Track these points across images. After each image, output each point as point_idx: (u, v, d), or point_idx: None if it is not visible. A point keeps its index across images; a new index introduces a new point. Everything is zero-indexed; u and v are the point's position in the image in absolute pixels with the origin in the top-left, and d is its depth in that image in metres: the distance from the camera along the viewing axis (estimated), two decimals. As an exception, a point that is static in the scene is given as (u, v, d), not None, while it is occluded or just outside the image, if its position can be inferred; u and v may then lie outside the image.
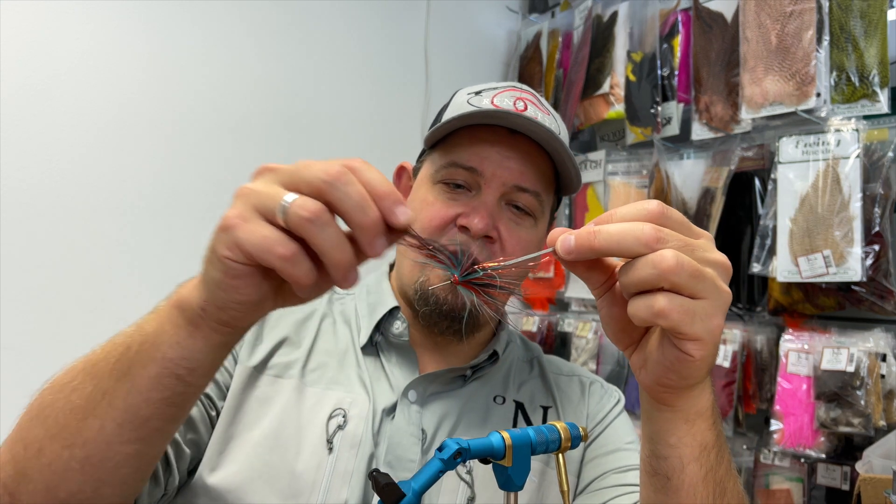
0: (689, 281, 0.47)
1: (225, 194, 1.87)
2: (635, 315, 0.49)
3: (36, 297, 1.31)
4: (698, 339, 0.49)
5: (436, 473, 0.51)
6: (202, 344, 0.53)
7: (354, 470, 0.77)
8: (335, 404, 0.81)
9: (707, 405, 0.56)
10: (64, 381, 0.59)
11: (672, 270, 0.47)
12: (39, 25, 1.34)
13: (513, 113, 0.81)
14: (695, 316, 0.48)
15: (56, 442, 0.56)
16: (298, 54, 1.75)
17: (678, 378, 0.53)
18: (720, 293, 0.49)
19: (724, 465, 0.58)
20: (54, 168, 1.35)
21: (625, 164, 1.93)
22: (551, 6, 2.27)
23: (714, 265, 0.50)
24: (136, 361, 0.54)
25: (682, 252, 0.48)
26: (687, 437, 0.56)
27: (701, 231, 0.52)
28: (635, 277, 0.48)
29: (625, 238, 0.48)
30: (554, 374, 0.95)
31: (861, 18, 1.41)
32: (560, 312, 2.07)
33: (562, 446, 0.58)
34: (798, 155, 1.46)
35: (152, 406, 0.54)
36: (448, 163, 0.85)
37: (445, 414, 0.84)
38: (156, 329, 0.54)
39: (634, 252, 0.48)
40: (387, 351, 0.88)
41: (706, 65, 1.69)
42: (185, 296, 0.53)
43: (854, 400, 1.33)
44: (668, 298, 0.47)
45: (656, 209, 0.49)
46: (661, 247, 0.47)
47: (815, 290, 1.45)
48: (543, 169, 0.86)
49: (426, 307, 0.83)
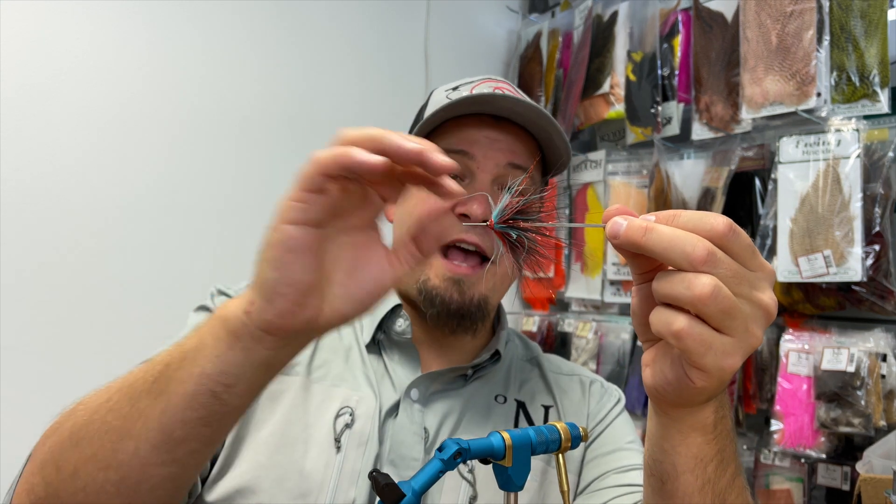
0: (717, 314, 0.45)
1: (225, 193, 1.87)
2: (653, 325, 0.48)
3: (36, 296, 1.31)
4: (705, 371, 0.47)
5: (436, 473, 0.51)
6: (241, 357, 0.51)
7: (362, 469, 0.77)
8: (342, 402, 0.81)
9: (707, 421, 0.54)
10: (99, 400, 0.57)
11: (703, 300, 0.44)
12: (39, 25, 1.33)
13: (496, 95, 0.81)
14: (710, 349, 0.46)
15: (91, 464, 0.54)
16: (298, 54, 1.75)
17: (675, 395, 0.52)
18: (748, 336, 0.47)
19: (726, 478, 0.56)
20: (54, 168, 1.35)
21: (625, 164, 1.93)
22: (551, 6, 2.27)
23: (756, 305, 0.47)
24: (174, 379, 0.52)
25: (728, 282, 0.45)
26: (681, 447, 0.55)
27: (763, 264, 0.48)
28: (667, 290, 0.47)
29: (674, 247, 0.46)
30: (554, 374, 0.95)
31: (861, 18, 1.41)
32: (560, 312, 2.07)
33: (562, 446, 0.58)
34: (798, 155, 1.46)
35: (188, 426, 0.52)
36: None
37: (447, 413, 0.84)
38: (196, 344, 0.53)
39: (678, 265, 0.46)
40: (389, 349, 0.89)
41: (706, 65, 1.69)
42: (230, 306, 0.52)
43: (854, 400, 1.33)
44: (690, 323, 0.46)
45: (722, 229, 0.46)
46: (706, 269, 0.45)
47: (816, 289, 1.45)
48: (531, 148, 0.87)
49: (433, 309, 0.83)
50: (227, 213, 1.59)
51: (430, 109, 0.87)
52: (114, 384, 0.58)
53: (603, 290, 1.92)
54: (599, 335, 1.90)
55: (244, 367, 0.51)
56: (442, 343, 0.90)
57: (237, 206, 1.61)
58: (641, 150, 1.89)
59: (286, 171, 1.98)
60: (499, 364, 0.92)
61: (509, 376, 0.92)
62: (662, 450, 0.56)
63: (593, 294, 1.95)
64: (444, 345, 0.90)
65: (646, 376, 0.54)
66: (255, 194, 1.64)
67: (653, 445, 0.58)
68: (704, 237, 0.46)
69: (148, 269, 1.46)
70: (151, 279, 1.46)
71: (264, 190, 1.66)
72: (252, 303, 0.50)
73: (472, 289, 0.82)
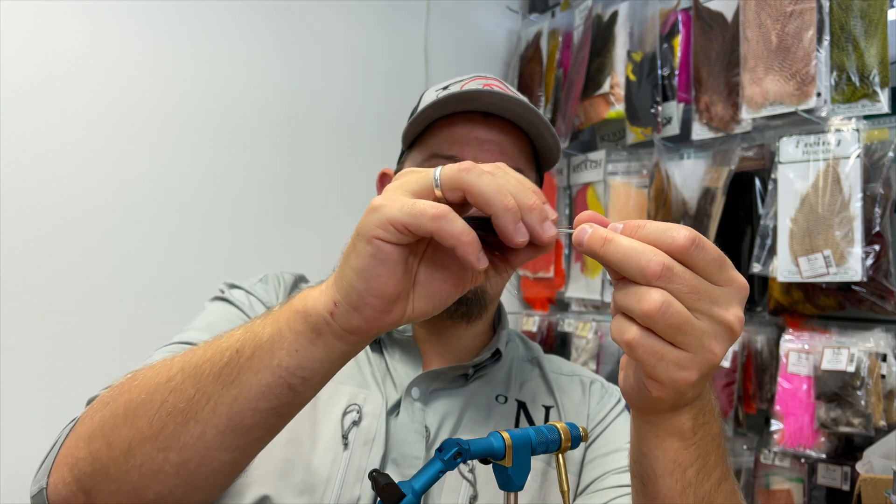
0: (667, 329, 0.45)
1: (225, 193, 1.86)
2: (612, 333, 0.48)
3: (36, 296, 1.31)
4: (659, 382, 0.47)
5: (436, 473, 0.51)
6: (322, 353, 0.51)
7: (368, 467, 0.77)
8: (349, 399, 0.82)
9: (684, 427, 0.53)
10: (158, 379, 0.57)
11: (651, 314, 0.44)
12: (39, 24, 1.33)
13: (484, 91, 0.81)
14: (662, 360, 0.46)
15: (149, 444, 0.54)
16: (298, 54, 1.75)
17: (639, 402, 0.52)
18: (704, 352, 0.46)
19: (710, 483, 0.55)
20: (54, 167, 1.35)
21: (625, 164, 1.93)
22: (551, 6, 2.27)
23: (717, 322, 0.46)
24: (248, 368, 0.52)
25: (684, 297, 0.45)
26: (657, 451, 0.54)
27: (732, 278, 0.47)
28: (621, 301, 0.47)
29: (629, 260, 0.45)
30: (555, 374, 0.95)
31: (861, 18, 1.41)
32: (560, 312, 2.07)
33: (562, 446, 0.58)
34: (798, 155, 1.46)
35: (259, 415, 0.53)
36: (429, 155, 0.85)
37: (448, 412, 0.84)
38: (272, 335, 0.52)
39: (633, 278, 0.46)
40: (390, 347, 0.89)
41: (706, 65, 1.69)
42: (310, 302, 0.52)
43: (854, 400, 1.33)
44: (641, 334, 0.46)
45: (682, 242, 0.45)
46: (659, 284, 0.44)
47: (816, 290, 1.45)
48: (522, 145, 0.87)
49: None
50: (226, 213, 1.59)
51: (421, 107, 0.87)
52: (173, 363, 0.58)
53: (603, 290, 1.92)
54: (599, 335, 1.90)
55: (323, 362, 0.52)
56: (442, 337, 0.90)
57: (237, 206, 1.61)
58: (641, 150, 1.89)
59: (285, 170, 1.99)
60: (499, 364, 0.92)
61: (510, 376, 0.92)
62: (641, 452, 0.56)
63: (593, 294, 1.95)
64: (444, 340, 0.90)
65: (619, 379, 0.55)
66: (254, 193, 1.64)
67: (633, 446, 0.58)
68: (665, 250, 0.45)
69: (147, 268, 1.46)
70: (151, 278, 1.46)
71: (264, 189, 1.66)
72: (336, 305, 0.50)
73: None
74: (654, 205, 1.77)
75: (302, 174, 1.74)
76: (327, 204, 1.77)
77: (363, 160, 1.81)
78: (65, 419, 0.67)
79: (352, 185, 1.80)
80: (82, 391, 0.71)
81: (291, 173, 1.71)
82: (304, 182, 1.74)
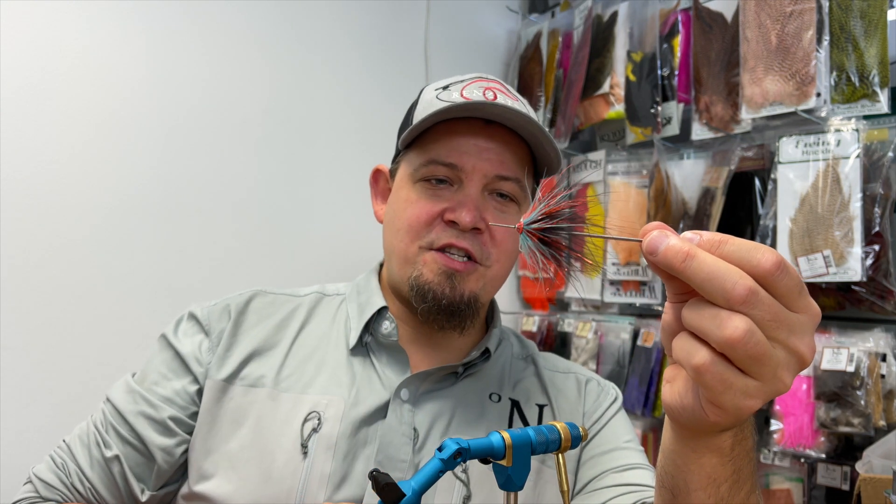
0: (745, 360, 0.42)
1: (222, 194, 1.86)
2: (675, 352, 0.46)
3: (35, 296, 1.31)
4: (722, 409, 0.45)
5: (436, 473, 0.51)
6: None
7: (331, 472, 0.78)
8: (311, 408, 0.82)
9: (724, 445, 0.52)
10: None
11: (732, 343, 0.42)
12: (39, 24, 1.33)
13: (486, 103, 0.81)
14: (730, 389, 0.44)
15: None
16: (297, 54, 1.75)
17: (689, 421, 0.50)
18: (775, 382, 0.44)
19: (740, 497, 0.54)
20: (53, 167, 1.35)
21: (625, 164, 1.93)
22: (551, 6, 2.27)
23: (792, 352, 0.44)
24: None
25: (765, 325, 0.42)
26: (693, 466, 0.53)
27: (808, 305, 0.44)
28: (696, 322, 0.44)
29: (713, 280, 0.42)
30: (550, 372, 0.95)
31: (861, 18, 1.41)
32: (560, 312, 2.07)
33: (562, 446, 0.58)
34: (798, 155, 1.46)
35: None
36: (427, 160, 0.85)
37: (439, 413, 0.84)
38: None
39: (715, 300, 0.43)
40: (377, 351, 0.89)
41: (706, 65, 1.69)
42: None
43: (854, 400, 1.33)
44: (712, 360, 0.43)
45: (769, 266, 0.42)
46: (743, 310, 0.42)
47: (816, 290, 1.44)
48: (521, 155, 0.87)
49: (424, 304, 0.83)
50: (226, 213, 1.59)
51: (420, 108, 0.87)
52: None
53: (603, 290, 1.92)
54: (599, 335, 1.90)
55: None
56: (431, 341, 0.90)
57: (237, 206, 1.61)
58: (641, 150, 1.89)
59: (285, 170, 1.99)
60: (491, 362, 0.91)
61: (504, 375, 0.92)
62: (675, 465, 0.55)
63: (593, 294, 1.95)
64: (433, 344, 0.90)
65: (664, 392, 0.52)
66: (253, 194, 1.64)
67: (666, 458, 0.56)
68: (749, 272, 0.42)
69: (147, 268, 1.46)
70: (150, 278, 1.46)
71: (263, 190, 1.66)
72: None
73: (462, 284, 0.83)
74: (653, 205, 1.77)
75: (302, 174, 1.74)
76: (327, 204, 1.78)
77: (363, 160, 1.81)
78: (65, 419, 0.67)
79: (352, 186, 1.80)
80: (82, 391, 0.71)
81: (292, 173, 1.72)
82: (305, 182, 1.74)
